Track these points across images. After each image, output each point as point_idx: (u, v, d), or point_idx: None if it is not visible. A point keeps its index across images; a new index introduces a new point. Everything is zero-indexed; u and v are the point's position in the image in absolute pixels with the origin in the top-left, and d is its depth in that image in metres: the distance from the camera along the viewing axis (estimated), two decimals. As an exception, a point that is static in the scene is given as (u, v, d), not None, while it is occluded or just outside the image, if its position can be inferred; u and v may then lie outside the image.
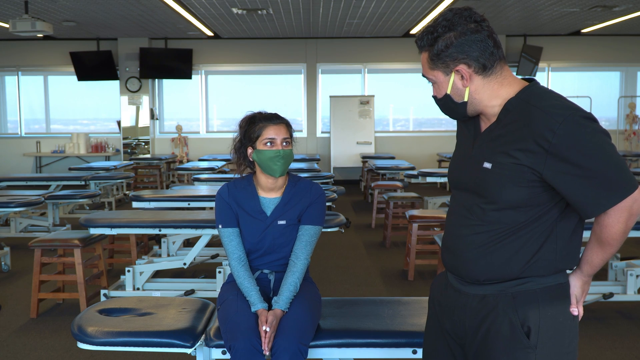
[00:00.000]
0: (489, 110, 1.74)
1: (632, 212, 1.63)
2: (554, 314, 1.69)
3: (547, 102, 1.62)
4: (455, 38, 1.67)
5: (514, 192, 1.65)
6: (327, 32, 11.92)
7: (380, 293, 5.08)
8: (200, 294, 4.55)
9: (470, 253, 1.75)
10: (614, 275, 4.69)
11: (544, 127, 1.58)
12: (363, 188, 11.07)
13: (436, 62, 1.72)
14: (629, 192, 1.60)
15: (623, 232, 1.65)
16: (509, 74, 1.74)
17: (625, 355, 3.75)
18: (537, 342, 1.67)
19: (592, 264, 1.75)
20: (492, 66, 1.69)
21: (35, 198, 5.72)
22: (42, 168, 12.97)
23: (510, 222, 1.69)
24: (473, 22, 1.67)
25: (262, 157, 2.62)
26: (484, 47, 1.67)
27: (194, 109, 13.19)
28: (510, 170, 1.64)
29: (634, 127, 12.60)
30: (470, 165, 1.77)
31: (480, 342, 1.74)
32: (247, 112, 2.72)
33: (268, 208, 2.67)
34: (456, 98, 1.74)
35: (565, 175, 1.59)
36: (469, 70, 1.69)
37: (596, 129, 1.59)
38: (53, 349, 3.86)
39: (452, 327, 1.83)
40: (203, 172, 8.35)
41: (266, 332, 2.38)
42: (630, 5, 9.38)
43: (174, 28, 11.21)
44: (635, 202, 1.62)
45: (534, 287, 1.69)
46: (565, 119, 1.57)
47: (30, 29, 7.99)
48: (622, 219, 1.63)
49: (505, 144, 1.66)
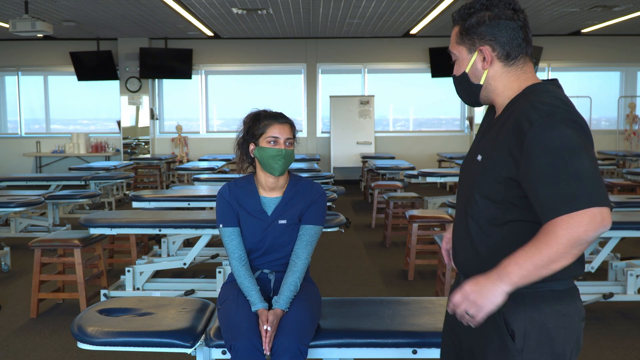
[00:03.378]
0: (500, 100, 1.72)
1: (588, 228, 1.46)
2: (542, 320, 1.62)
3: (539, 98, 1.60)
4: (490, 19, 1.67)
5: (493, 187, 1.64)
6: (327, 32, 11.92)
7: (380, 293, 5.08)
8: (200, 294, 4.55)
9: (462, 249, 1.76)
10: (614, 275, 4.69)
11: (524, 118, 1.56)
12: (363, 188, 11.07)
13: (464, 37, 1.71)
14: (593, 204, 1.47)
15: (566, 244, 1.48)
16: (530, 71, 1.72)
17: (625, 355, 3.75)
18: (524, 346, 1.62)
19: (503, 265, 1.55)
20: (515, 57, 1.69)
21: (35, 198, 5.72)
22: (42, 168, 12.97)
23: (494, 220, 1.66)
24: (511, 10, 1.68)
25: (263, 155, 2.61)
26: (513, 36, 1.67)
27: (194, 109, 13.19)
28: (494, 163, 1.63)
29: (634, 127, 12.59)
30: (469, 158, 1.78)
31: (472, 341, 1.74)
32: (253, 109, 2.72)
33: (269, 207, 2.67)
34: (473, 79, 1.74)
35: (528, 173, 1.55)
36: (492, 54, 1.69)
37: (571, 135, 1.52)
38: (53, 349, 3.86)
39: (453, 325, 1.84)
40: (203, 172, 8.35)
41: (267, 331, 2.38)
42: (630, 5, 9.38)
43: (174, 28, 11.21)
44: (593, 220, 1.46)
45: (522, 291, 1.60)
46: (546, 116, 1.53)
47: (30, 29, 7.99)
48: (581, 223, 1.47)
49: (496, 138, 1.65)
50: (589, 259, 4.64)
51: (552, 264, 1.50)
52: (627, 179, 8.07)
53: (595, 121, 13.20)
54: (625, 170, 8.34)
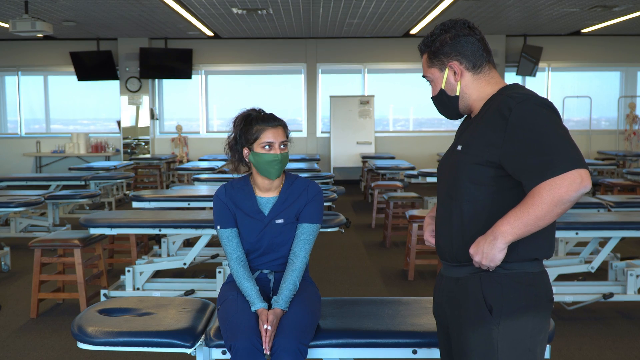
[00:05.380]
0: (477, 105, 1.96)
1: (569, 189, 1.69)
2: (515, 297, 1.84)
3: (513, 91, 1.86)
4: (451, 39, 1.94)
5: (474, 169, 1.85)
6: (327, 32, 11.92)
7: (380, 293, 5.08)
8: (200, 294, 4.55)
9: (445, 231, 1.96)
10: (614, 275, 4.69)
11: (504, 106, 1.81)
12: (363, 188, 11.08)
13: (433, 60, 1.98)
14: (571, 168, 1.70)
15: (550, 203, 1.71)
16: (497, 76, 1.98)
17: (625, 355, 3.75)
18: (500, 320, 1.83)
19: (496, 225, 1.80)
20: (481, 65, 1.95)
21: (35, 198, 5.72)
22: (42, 168, 12.97)
23: (476, 203, 1.87)
24: (467, 28, 1.95)
25: (259, 160, 2.61)
26: (475, 48, 1.94)
27: (194, 109, 13.19)
28: (475, 148, 1.85)
29: (634, 127, 12.59)
30: (450, 152, 2.01)
31: (455, 320, 1.94)
32: (242, 109, 2.71)
33: (265, 207, 2.67)
34: (449, 92, 1.98)
35: (513, 149, 1.77)
36: (461, 67, 1.94)
37: (546, 113, 1.77)
38: (53, 349, 3.86)
39: (437, 310, 2.07)
40: (203, 172, 8.34)
41: (267, 330, 2.38)
42: (630, 5, 9.38)
43: (174, 28, 11.21)
44: (573, 182, 1.70)
45: (500, 272, 1.86)
46: (523, 101, 1.79)
47: (30, 29, 7.99)
48: (562, 185, 1.70)
49: (476, 129, 1.88)
50: (589, 259, 4.65)
51: (539, 221, 1.75)
52: (627, 179, 8.08)
53: (595, 121, 13.20)
54: (625, 170, 8.33)
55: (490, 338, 1.84)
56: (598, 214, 4.68)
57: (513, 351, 1.84)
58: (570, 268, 4.48)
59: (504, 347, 1.83)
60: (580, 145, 12.80)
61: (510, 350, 1.83)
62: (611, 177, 10.31)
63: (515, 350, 1.84)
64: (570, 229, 4.20)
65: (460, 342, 1.91)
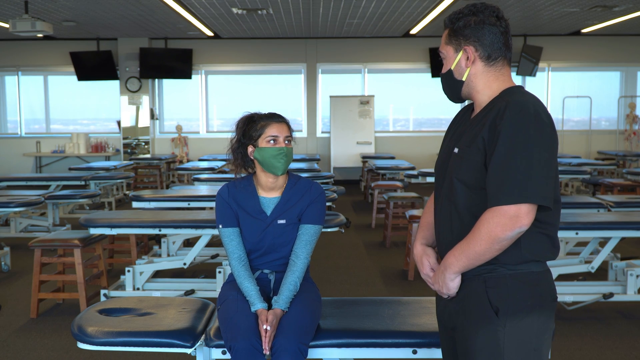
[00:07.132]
0: (479, 97, 1.93)
1: (505, 228, 1.72)
2: (521, 297, 1.83)
3: (513, 97, 1.81)
4: (475, 23, 1.89)
5: (470, 174, 1.84)
6: (327, 32, 11.92)
7: (380, 293, 5.08)
8: (200, 294, 4.55)
9: (447, 236, 1.94)
10: (614, 275, 4.69)
11: (499, 114, 1.79)
12: (363, 188, 11.07)
13: (452, 38, 1.94)
14: (516, 201, 1.71)
15: (487, 241, 1.75)
16: (507, 74, 1.94)
17: (625, 355, 3.75)
18: (506, 321, 1.82)
19: (446, 256, 1.88)
20: (495, 59, 1.90)
21: (35, 198, 5.72)
22: (42, 168, 12.97)
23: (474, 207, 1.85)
24: (495, 17, 1.89)
25: (265, 155, 2.61)
26: (495, 39, 1.89)
27: (194, 109, 13.19)
28: (470, 152, 1.84)
29: (634, 127, 12.59)
30: (446, 152, 1.99)
31: (460, 322, 1.92)
32: (244, 112, 2.72)
33: (268, 207, 2.67)
34: (457, 75, 1.95)
35: (492, 160, 1.77)
36: (475, 54, 1.90)
37: (533, 131, 1.73)
38: (53, 349, 3.86)
39: (441, 313, 2.04)
40: (203, 172, 8.34)
41: (266, 331, 2.38)
42: (630, 5, 9.38)
43: (174, 28, 11.21)
44: (509, 220, 1.71)
45: (505, 273, 1.84)
46: (517, 112, 1.75)
47: (30, 29, 7.99)
48: (499, 224, 1.73)
49: (473, 132, 1.86)
50: (589, 259, 4.64)
51: (480, 257, 1.80)
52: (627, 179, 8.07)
53: (595, 121, 13.20)
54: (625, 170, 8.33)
55: (497, 339, 1.83)
56: (598, 214, 4.68)
57: (519, 351, 1.83)
58: (570, 268, 4.48)
59: (511, 348, 1.83)
60: (580, 145, 12.81)
61: (516, 351, 1.83)
62: (611, 177, 10.31)
63: (521, 350, 1.83)
64: (570, 229, 4.19)
65: (466, 344, 1.90)
